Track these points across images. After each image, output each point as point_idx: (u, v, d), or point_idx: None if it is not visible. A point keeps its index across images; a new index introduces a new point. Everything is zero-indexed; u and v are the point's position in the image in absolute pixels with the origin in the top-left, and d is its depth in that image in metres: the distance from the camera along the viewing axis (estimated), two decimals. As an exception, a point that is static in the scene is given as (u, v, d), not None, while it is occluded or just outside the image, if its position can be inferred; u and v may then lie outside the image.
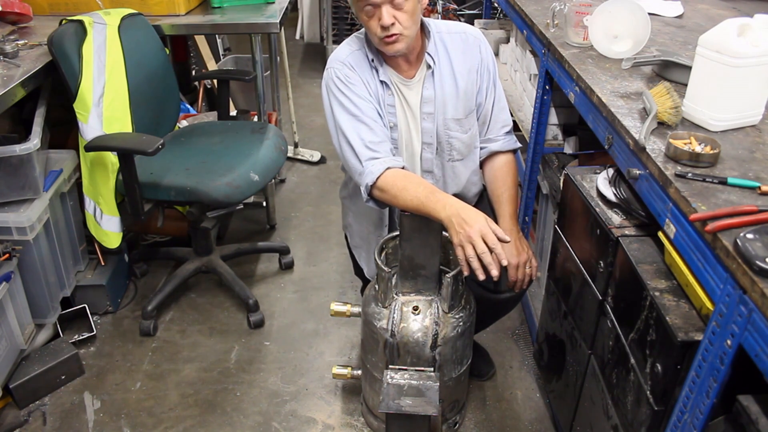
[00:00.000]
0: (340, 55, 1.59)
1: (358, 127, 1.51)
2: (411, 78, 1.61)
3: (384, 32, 1.45)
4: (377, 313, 1.60)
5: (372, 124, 1.52)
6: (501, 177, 1.70)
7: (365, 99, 1.54)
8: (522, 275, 1.57)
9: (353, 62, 1.57)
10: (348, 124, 1.52)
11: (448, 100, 1.61)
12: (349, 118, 1.53)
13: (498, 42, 2.79)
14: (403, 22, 1.45)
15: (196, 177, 1.96)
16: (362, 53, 1.58)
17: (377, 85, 1.58)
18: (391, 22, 1.43)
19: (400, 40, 1.47)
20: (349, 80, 1.54)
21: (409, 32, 1.48)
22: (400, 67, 1.60)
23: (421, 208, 1.40)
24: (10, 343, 1.77)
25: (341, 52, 1.60)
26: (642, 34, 1.43)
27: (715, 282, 0.89)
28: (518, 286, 1.59)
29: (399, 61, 1.58)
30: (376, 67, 1.57)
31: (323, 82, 1.60)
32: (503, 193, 1.67)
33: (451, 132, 1.64)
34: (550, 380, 1.69)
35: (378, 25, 1.45)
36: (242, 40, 4.59)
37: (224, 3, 2.53)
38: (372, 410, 1.78)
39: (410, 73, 1.61)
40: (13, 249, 1.76)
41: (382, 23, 1.43)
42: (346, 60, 1.57)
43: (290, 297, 2.37)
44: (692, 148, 1.07)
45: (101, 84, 1.94)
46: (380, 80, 1.57)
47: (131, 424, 1.82)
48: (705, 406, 0.91)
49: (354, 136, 1.51)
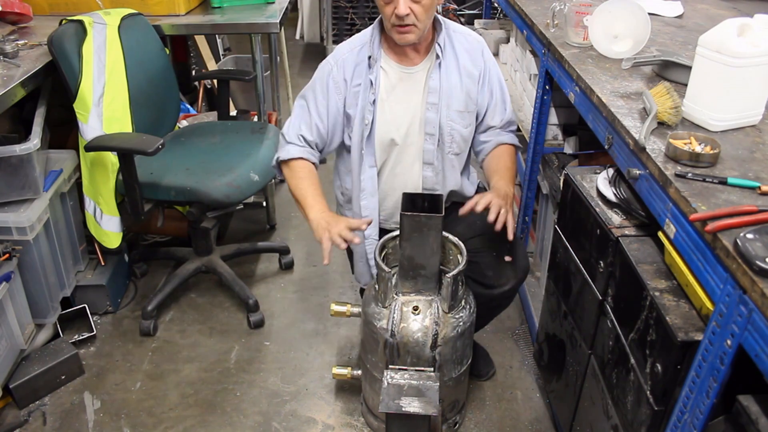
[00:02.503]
0: (342, 51, 1.65)
1: (305, 116, 1.68)
2: (416, 65, 1.62)
3: (398, 21, 1.48)
4: (377, 313, 1.60)
5: (319, 126, 1.67)
6: (497, 155, 1.73)
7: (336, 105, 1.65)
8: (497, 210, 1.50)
9: (346, 61, 1.63)
10: (301, 109, 1.69)
11: (453, 92, 1.63)
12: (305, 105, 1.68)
13: (498, 42, 2.79)
14: (418, 15, 1.48)
15: (196, 177, 1.96)
16: (364, 51, 1.62)
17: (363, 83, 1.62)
18: (406, 13, 1.46)
19: (412, 31, 1.51)
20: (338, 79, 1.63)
21: (422, 25, 1.51)
22: (406, 54, 1.62)
23: (301, 201, 1.65)
24: (10, 343, 1.77)
25: (344, 48, 1.66)
26: (642, 34, 1.43)
27: (715, 282, 0.89)
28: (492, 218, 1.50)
29: (406, 49, 1.61)
30: (371, 65, 1.61)
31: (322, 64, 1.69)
32: (498, 166, 1.69)
33: (454, 124, 1.65)
34: (550, 380, 1.69)
35: (393, 13, 1.48)
36: (242, 40, 4.59)
37: (224, 3, 2.53)
38: (372, 410, 1.78)
39: (416, 60, 1.63)
40: (13, 249, 1.76)
41: (398, 12, 1.46)
42: (340, 58, 1.64)
43: (290, 297, 2.37)
44: (692, 148, 1.07)
45: (101, 84, 1.94)
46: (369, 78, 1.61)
47: (131, 424, 1.82)
48: (705, 406, 0.91)
49: (297, 120, 1.69)
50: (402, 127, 1.64)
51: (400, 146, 1.66)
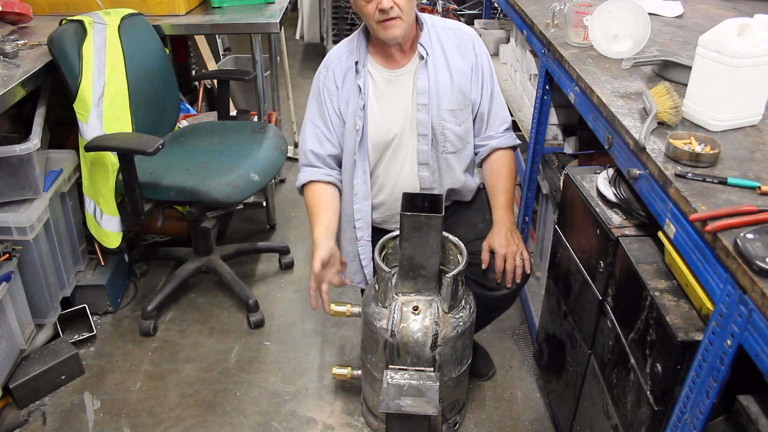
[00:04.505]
0: (331, 59, 1.67)
1: (316, 132, 1.70)
2: (401, 68, 1.63)
3: (382, 15, 1.49)
4: (377, 313, 1.60)
5: (328, 136, 1.69)
6: (496, 169, 1.73)
7: (335, 113, 1.67)
8: (511, 266, 1.60)
9: (336, 67, 1.66)
10: (311, 128, 1.71)
11: (443, 91, 1.63)
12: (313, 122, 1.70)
13: (498, 42, 2.79)
14: (402, 6, 1.50)
15: (196, 177, 1.96)
16: (351, 57, 1.64)
17: (352, 89, 1.63)
18: (390, 6, 1.48)
19: (397, 24, 1.52)
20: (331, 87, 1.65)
21: (406, 17, 1.52)
22: (392, 57, 1.63)
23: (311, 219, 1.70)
24: (10, 343, 1.77)
25: (332, 56, 1.68)
26: (642, 34, 1.43)
27: (715, 282, 0.89)
28: (509, 279, 1.62)
29: (392, 51, 1.61)
30: (358, 70, 1.62)
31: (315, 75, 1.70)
32: (498, 184, 1.71)
33: (446, 123, 1.65)
34: (550, 380, 1.69)
35: (376, 9, 1.49)
36: (242, 40, 4.59)
37: (224, 3, 2.53)
38: (372, 410, 1.78)
39: (402, 62, 1.64)
40: (13, 249, 1.76)
41: (381, 6, 1.48)
42: (330, 65, 1.66)
43: (290, 297, 2.37)
44: (692, 148, 1.06)
45: (101, 84, 1.94)
46: (357, 84, 1.62)
47: (131, 424, 1.82)
48: (705, 406, 0.91)
49: (306, 137, 1.72)
50: (394, 130, 1.65)
51: (393, 148, 1.67)
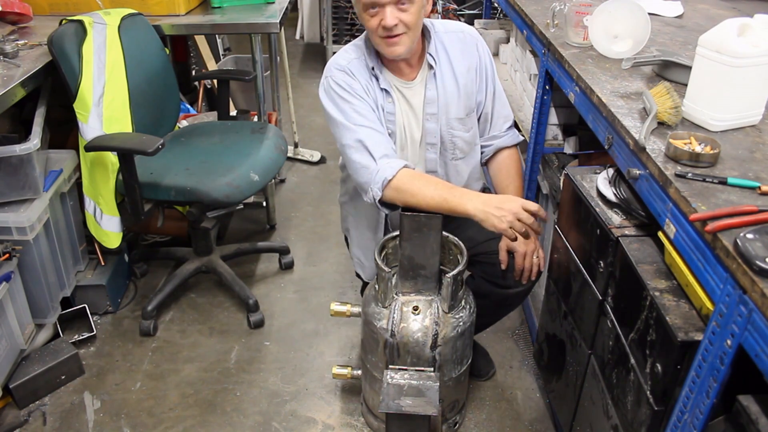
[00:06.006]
0: (340, 62, 1.57)
1: (367, 131, 1.51)
2: (412, 80, 1.61)
3: (386, 32, 1.45)
4: (377, 313, 1.60)
5: (379, 129, 1.53)
6: (505, 169, 1.73)
7: (369, 106, 1.54)
8: (529, 264, 1.61)
9: (353, 70, 1.56)
10: (358, 129, 1.51)
11: (451, 100, 1.62)
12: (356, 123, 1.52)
13: (498, 42, 2.79)
14: (408, 23, 1.45)
15: (196, 177, 1.96)
16: (361, 62, 1.57)
17: (377, 93, 1.58)
18: (394, 23, 1.43)
19: (401, 42, 1.47)
20: (351, 87, 1.54)
21: (411, 34, 1.48)
22: (401, 70, 1.60)
23: (443, 204, 1.40)
24: (10, 343, 1.77)
25: (340, 60, 1.58)
26: (642, 34, 1.43)
27: (715, 282, 0.89)
28: (525, 277, 1.62)
29: (400, 65, 1.59)
30: (377, 75, 1.57)
31: (321, 88, 1.59)
32: (509, 185, 1.71)
33: (454, 131, 1.65)
34: (550, 380, 1.69)
35: (380, 25, 1.45)
36: (242, 40, 4.59)
37: (224, 3, 2.53)
38: (372, 410, 1.78)
39: (411, 75, 1.61)
40: (13, 249, 1.76)
41: (385, 24, 1.43)
42: (346, 68, 1.56)
43: (290, 297, 2.37)
44: (692, 148, 1.06)
45: (101, 84, 1.94)
46: (381, 88, 1.57)
47: (131, 424, 1.82)
48: (705, 406, 0.91)
49: (366, 136, 1.50)
50: (404, 139, 1.64)
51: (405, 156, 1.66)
